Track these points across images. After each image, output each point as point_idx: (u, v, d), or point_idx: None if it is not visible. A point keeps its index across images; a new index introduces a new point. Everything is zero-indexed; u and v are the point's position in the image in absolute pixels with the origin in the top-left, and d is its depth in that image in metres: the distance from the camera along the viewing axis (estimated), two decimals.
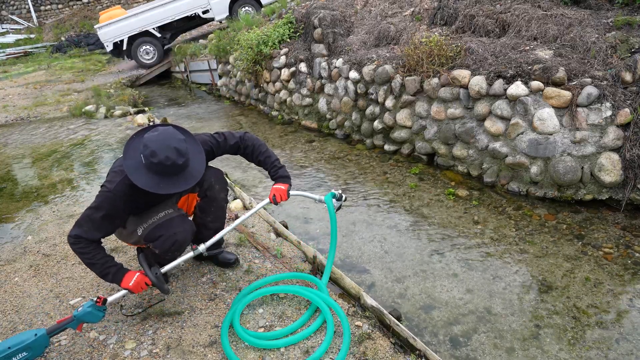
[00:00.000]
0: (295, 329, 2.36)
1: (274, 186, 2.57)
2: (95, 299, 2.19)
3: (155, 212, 2.43)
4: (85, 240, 2.19)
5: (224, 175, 2.75)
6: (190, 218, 2.75)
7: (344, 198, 2.67)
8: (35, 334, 2.07)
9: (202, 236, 2.81)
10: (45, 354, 2.29)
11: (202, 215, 2.68)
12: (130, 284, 2.23)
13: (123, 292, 2.30)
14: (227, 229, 2.54)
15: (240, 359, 2.19)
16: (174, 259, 2.45)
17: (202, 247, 2.44)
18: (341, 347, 2.18)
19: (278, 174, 2.60)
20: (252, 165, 5.20)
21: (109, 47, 10.57)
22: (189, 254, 2.44)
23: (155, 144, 2.11)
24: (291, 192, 2.60)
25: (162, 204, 2.47)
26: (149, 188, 2.12)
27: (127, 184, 2.20)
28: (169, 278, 2.81)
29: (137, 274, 2.27)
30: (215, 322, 2.45)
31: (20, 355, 2.03)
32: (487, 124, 4.20)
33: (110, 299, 2.26)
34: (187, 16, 10.59)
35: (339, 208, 2.66)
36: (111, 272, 2.23)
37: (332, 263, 2.71)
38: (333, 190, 2.66)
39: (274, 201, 2.53)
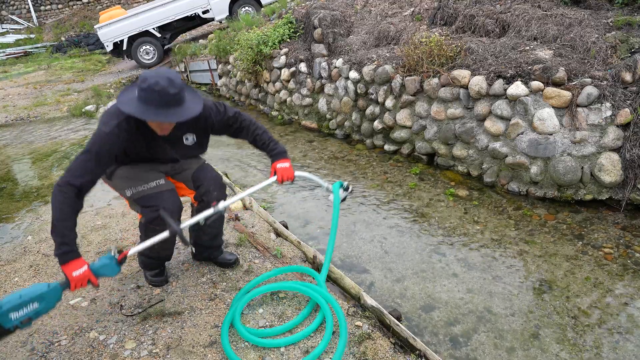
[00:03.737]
0: (296, 324, 2.38)
1: (278, 165, 2.43)
2: (116, 253, 2.08)
3: (145, 178, 2.35)
4: (73, 189, 2.02)
5: (222, 181, 2.68)
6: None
7: (350, 189, 2.60)
8: (48, 285, 1.96)
9: (200, 241, 2.81)
10: (45, 354, 2.29)
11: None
12: (74, 274, 1.97)
13: (145, 244, 2.15)
14: (231, 200, 2.37)
15: (241, 358, 2.18)
16: (157, 232, 2.34)
17: (221, 205, 2.27)
18: (338, 343, 2.18)
19: (278, 148, 2.49)
20: (253, 165, 5.21)
21: (109, 47, 10.57)
22: (209, 211, 2.25)
23: (150, 73, 2.07)
24: (298, 173, 2.48)
25: (153, 170, 2.41)
26: (135, 113, 2.04)
27: (122, 127, 2.13)
28: (169, 278, 2.81)
29: (86, 266, 2.00)
30: (215, 322, 2.45)
31: (31, 305, 1.92)
32: (487, 124, 4.21)
33: (130, 252, 2.11)
34: (187, 16, 10.59)
35: (344, 199, 2.59)
36: (63, 249, 1.99)
37: (331, 255, 2.61)
38: (341, 180, 2.59)
39: (281, 181, 2.41)
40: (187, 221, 2.24)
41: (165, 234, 2.16)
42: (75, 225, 2.07)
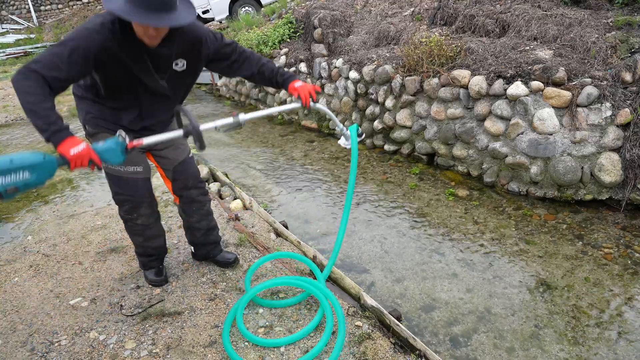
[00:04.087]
0: (290, 304, 2.54)
1: (296, 84, 2.28)
2: (126, 140, 1.86)
3: (126, 159, 2.15)
4: (39, 76, 1.78)
5: (200, 177, 2.64)
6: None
7: (363, 136, 2.58)
8: (44, 156, 1.76)
9: (194, 238, 2.80)
10: (45, 354, 2.28)
11: (187, 217, 2.69)
12: (72, 152, 1.76)
13: (160, 137, 1.97)
14: (253, 114, 2.23)
15: (242, 358, 2.18)
16: (130, 220, 2.46)
17: (241, 117, 2.12)
18: (337, 338, 2.18)
19: (287, 72, 2.36)
20: (252, 164, 5.21)
21: None
22: (228, 120, 2.11)
23: None
24: (319, 106, 2.33)
25: (137, 150, 2.24)
26: (123, 13, 1.82)
27: (107, 27, 1.91)
28: (169, 278, 2.81)
29: (84, 144, 1.79)
30: (215, 322, 2.45)
31: (21, 174, 1.71)
32: (487, 124, 4.21)
33: (143, 142, 1.91)
34: None
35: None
36: (52, 129, 1.78)
37: (347, 216, 2.62)
38: (356, 123, 2.59)
39: (307, 104, 2.24)
40: (206, 124, 2.06)
41: (179, 132, 1.99)
42: (55, 108, 1.83)
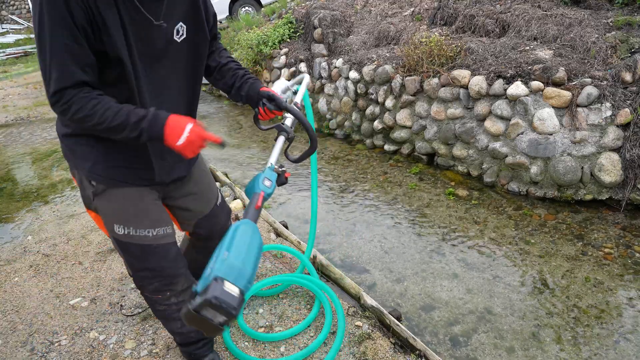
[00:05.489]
0: (279, 291, 2.64)
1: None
2: (280, 169, 1.62)
3: (149, 218, 1.68)
4: (72, 90, 1.37)
5: (229, 220, 2.23)
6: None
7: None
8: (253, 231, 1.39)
9: (190, 268, 2.37)
10: (45, 354, 2.28)
11: (195, 254, 2.19)
12: (179, 143, 1.40)
13: (274, 151, 1.69)
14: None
15: (243, 352, 2.18)
16: (154, 292, 1.80)
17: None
18: (337, 330, 2.19)
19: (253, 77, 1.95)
20: (252, 164, 5.21)
21: None
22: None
23: None
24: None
25: (157, 204, 1.74)
26: None
27: None
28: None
29: (188, 122, 1.43)
30: None
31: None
32: (487, 124, 4.21)
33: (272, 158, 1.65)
34: None
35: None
36: (144, 124, 1.38)
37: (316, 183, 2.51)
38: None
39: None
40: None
41: (281, 139, 1.78)
42: (114, 101, 1.42)
